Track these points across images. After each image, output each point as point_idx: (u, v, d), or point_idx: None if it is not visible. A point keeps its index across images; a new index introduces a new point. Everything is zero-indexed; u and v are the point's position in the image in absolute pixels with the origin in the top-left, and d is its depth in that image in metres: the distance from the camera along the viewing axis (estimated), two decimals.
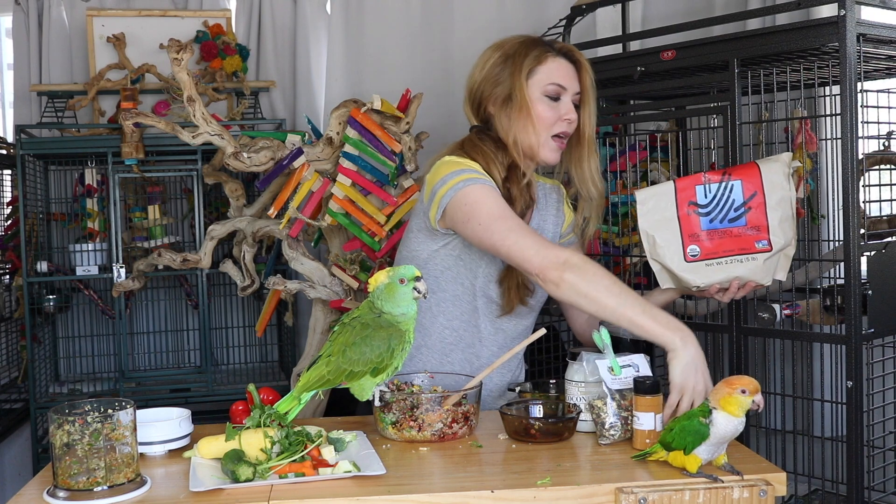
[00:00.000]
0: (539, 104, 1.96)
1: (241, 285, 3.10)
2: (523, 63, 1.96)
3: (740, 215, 1.90)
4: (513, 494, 1.43)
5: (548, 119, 1.97)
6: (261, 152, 2.62)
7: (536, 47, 1.99)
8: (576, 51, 2.02)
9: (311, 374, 1.70)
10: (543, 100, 1.97)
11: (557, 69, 1.98)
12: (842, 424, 2.21)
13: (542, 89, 1.97)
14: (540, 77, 1.97)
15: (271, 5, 3.77)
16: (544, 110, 1.96)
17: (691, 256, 1.92)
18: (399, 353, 1.71)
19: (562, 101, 1.98)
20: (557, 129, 1.98)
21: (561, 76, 1.97)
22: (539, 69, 1.97)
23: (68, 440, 1.43)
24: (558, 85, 1.97)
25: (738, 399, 1.47)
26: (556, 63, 1.98)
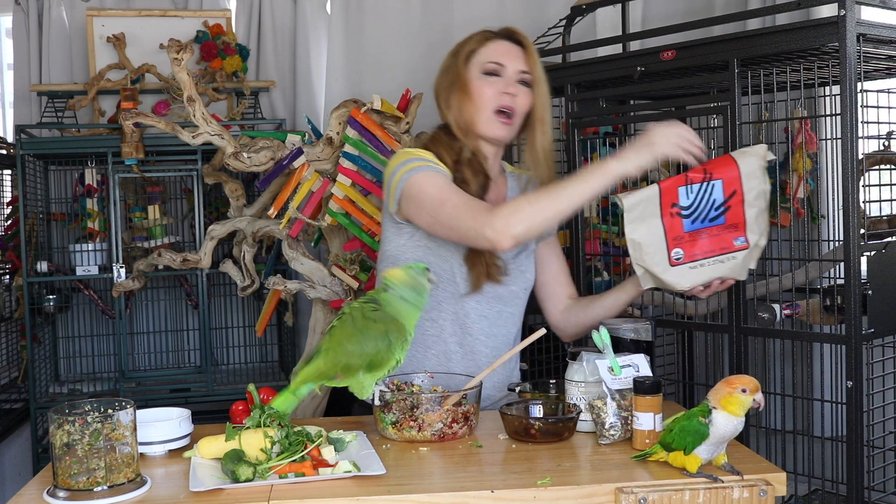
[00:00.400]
0: (478, 81, 2.02)
1: (241, 285, 3.10)
2: (465, 48, 2.05)
3: (720, 214, 1.91)
4: (513, 494, 1.43)
5: (486, 95, 2.00)
6: (261, 152, 2.62)
7: (480, 34, 2.07)
8: (520, 33, 2.06)
9: (309, 369, 1.70)
10: (482, 77, 2.02)
11: (497, 49, 2.04)
12: (842, 424, 2.21)
13: (481, 68, 2.02)
14: (480, 58, 2.03)
15: (271, 5, 3.77)
16: (482, 86, 2.01)
17: (675, 260, 1.93)
18: (399, 348, 1.71)
19: (502, 78, 2.01)
20: (498, 104, 2.00)
21: (500, 55, 2.02)
22: (480, 51, 2.04)
23: (68, 440, 1.43)
24: (496, 63, 2.02)
25: (738, 398, 1.47)
26: (498, 44, 2.04)
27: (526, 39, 2.06)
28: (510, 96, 2.00)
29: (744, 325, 2.21)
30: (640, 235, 1.93)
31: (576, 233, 2.55)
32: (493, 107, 2.01)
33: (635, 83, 2.42)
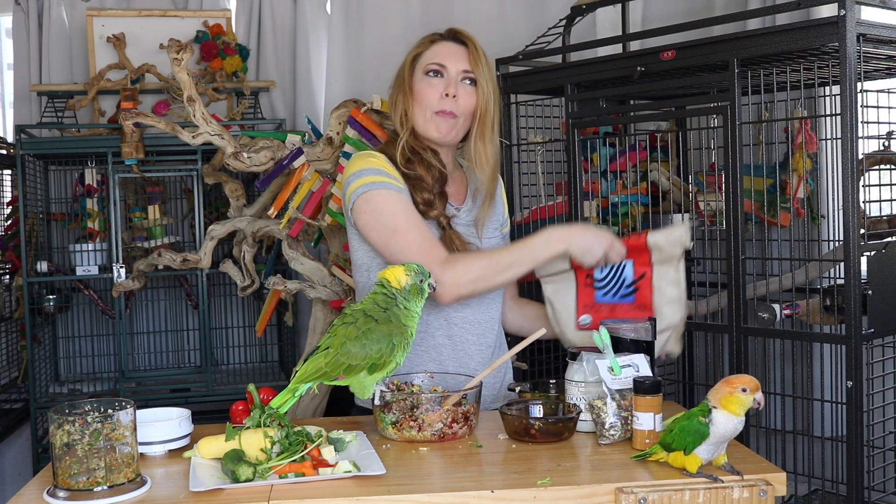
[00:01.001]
0: (420, 83, 2.01)
1: (241, 285, 3.10)
2: (412, 52, 2.05)
3: (630, 293, 1.95)
4: (513, 494, 1.43)
5: (427, 96, 1.99)
6: (261, 152, 2.62)
7: (427, 37, 2.06)
8: (465, 32, 2.04)
9: (308, 366, 1.69)
10: (424, 78, 2.01)
11: (441, 50, 2.02)
12: (842, 424, 2.21)
13: (423, 69, 2.01)
14: (423, 60, 2.02)
15: (271, 5, 3.77)
16: (423, 88, 2.00)
17: (582, 325, 2.00)
18: (400, 350, 1.71)
19: (443, 79, 1.99)
20: (439, 106, 1.99)
21: (443, 56, 2.00)
22: (424, 53, 2.03)
23: (68, 440, 1.43)
24: (438, 64, 2.00)
25: (739, 398, 1.47)
26: (441, 46, 2.02)
27: (469, 39, 2.03)
28: (451, 99, 1.98)
29: (744, 325, 2.21)
30: (553, 293, 2.03)
31: None
32: (433, 108, 1.99)
33: (635, 83, 2.42)
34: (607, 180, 2.72)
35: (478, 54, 2.02)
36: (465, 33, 2.04)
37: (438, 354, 2.02)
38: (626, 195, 2.69)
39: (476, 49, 2.02)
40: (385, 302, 1.72)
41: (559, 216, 2.67)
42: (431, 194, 1.98)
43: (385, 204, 1.91)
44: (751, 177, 2.49)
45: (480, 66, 2.02)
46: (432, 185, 1.99)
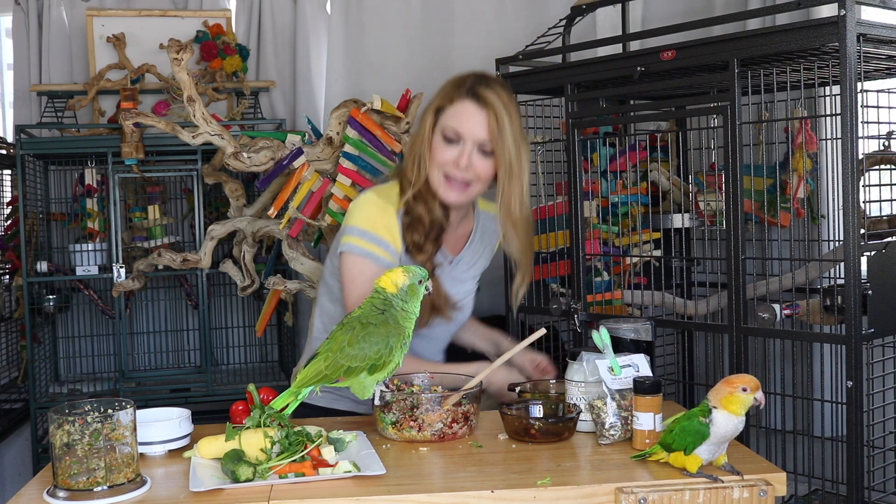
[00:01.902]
0: (437, 142, 1.96)
1: (241, 285, 3.10)
2: (436, 98, 1.99)
3: None
4: (513, 494, 1.43)
5: (438, 158, 1.95)
6: (261, 152, 2.62)
7: (455, 87, 1.96)
8: (488, 95, 1.93)
9: (309, 370, 1.70)
10: (440, 139, 1.95)
11: (462, 113, 1.93)
12: (842, 424, 2.21)
13: (442, 128, 1.96)
14: (444, 117, 1.95)
15: (271, 5, 3.77)
16: (437, 147, 1.96)
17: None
18: (398, 350, 1.71)
19: (458, 146, 1.94)
20: (451, 173, 1.95)
21: (461, 122, 1.93)
22: (447, 108, 1.95)
23: (68, 440, 1.43)
24: (456, 131, 1.93)
25: (740, 397, 1.47)
26: (463, 106, 1.93)
27: (490, 104, 1.92)
28: (462, 170, 1.94)
29: (744, 325, 2.21)
30: None
31: (576, 233, 2.55)
32: (443, 171, 1.96)
33: (635, 83, 2.42)
34: (607, 180, 2.72)
35: (498, 120, 1.92)
36: (488, 96, 1.92)
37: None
38: (626, 195, 2.69)
39: (496, 115, 1.91)
40: (383, 304, 1.73)
41: (559, 216, 2.67)
42: (423, 238, 1.97)
43: (361, 275, 1.93)
44: (751, 177, 2.49)
45: (502, 131, 1.92)
46: (427, 230, 1.98)
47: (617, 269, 2.71)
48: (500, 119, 1.92)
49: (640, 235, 2.65)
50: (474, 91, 1.94)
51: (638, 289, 2.64)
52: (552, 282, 2.74)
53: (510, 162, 1.94)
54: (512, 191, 1.97)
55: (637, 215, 2.67)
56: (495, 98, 1.93)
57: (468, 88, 1.94)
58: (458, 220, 2.08)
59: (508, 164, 1.94)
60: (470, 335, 2.29)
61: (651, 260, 2.67)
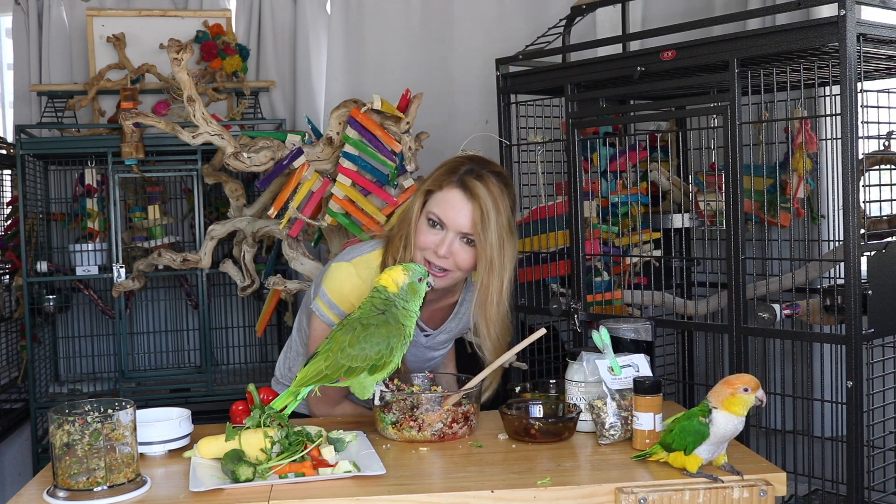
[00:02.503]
0: (421, 222, 1.95)
1: (241, 285, 3.10)
2: (429, 180, 1.97)
3: None
4: (513, 494, 1.43)
5: (421, 241, 1.94)
6: (261, 152, 2.62)
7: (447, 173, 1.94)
8: (479, 188, 1.90)
9: (309, 369, 1.70)
10: (425, 222, 1.94)
11: (447, 202, 1.92)
12: (842, 424, 2.21)
13: (427, 212, 1.95)
14: (432, 201, 1.94)
15: (271, 5, 3.77)
16: (421, 229, 1.95)
17: None
18: (398, 350, 1.72)
19: (441, 233, 1.92)
20: (427, 256, 1.93)
21: (446, 210, 1.91)
22: (435, 193, 1.94)
23: (68, 440, 1.43)
24: (439, 218, 1.92)
25: (741, 398, 1.47)
26: (451, 195, 1.92)
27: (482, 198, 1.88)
28: (443, 259, 1.92)
29: (744, 325, 2.21)
30: None
31: (576, 233, 2.55)
32: (425, 255, 1.94)
33: (635, 83, 2.42)
34: (607, 180, 2.72)
35: (483, 215, 1.89)
36: (477, 188, 1.90)
37: None
38: (626, 195, 2.69)
39: (482, 209, 1.89)
40: (383, 304, 1.73)
41: (559, 216, 2.67)
42: None
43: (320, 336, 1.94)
44: (751, 177, 2.49)
45: (486, 226, 1.89)
46: None
47: (617, 269, 2.71)
48: (486, 214, 1.89)
49: (640, 235, 2.65)
50: (464, 181, 1.91)
51: (638, 289, 2.64)
52: (552, 282, 2.75)
53: (491, 257, 1.91)
54: (490, 285, 1.94)
55: (637, 215, 2.67)
56: (485, 192, 1.90)
57: (459, 177, 1.92)
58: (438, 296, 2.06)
59: (489, 260, 1.91)
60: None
61: (651, 260, 2.67)
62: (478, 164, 1.95)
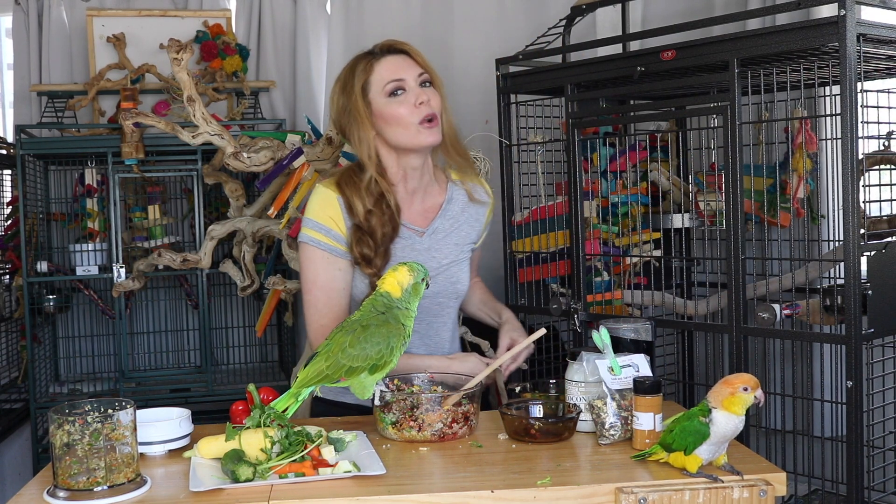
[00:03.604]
0: (388, 107, 1.98)
1: (241, 285, 3.10)
2: (354, 82, 2.01)
3: None
4: (513, 494, 1.43)
5: (403, 115, 1.98)
6: (261, 152, 2.62)
7: (361, 61, 2.02)
8: (397, 42, 2.03)
9: (310, 370, 1.70)
10: (390, 101, 1.98)
11: (387, 67, 1.99)
12: (842, 424, 2.21)
13: (383, 92, 1.99)
14: (376, 85, 1.99)
15: (271, 5, 3.77)
16: (395, 109, 1.98)
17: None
18: (398, 350, 1.72)
19: (408, 91, 1.98)
20: (419, 117, 1.98)
21: (393, 71, 1.99)
22: (371, 79, 2.00)
23: (68, 440, 1.43)
24: (396, 80, 1.99)
25: (741, 397, 1.47)
26: (384, 63, 2.00)
27: (405, 45, 2.03)
28: (425, 104, 1.98)
29: (744, 325, 2.21)
30: None
31: (576, 233, 2.55)
32: (416, 121, 1.98)
33: (635, 83, 2.42)
34: (607, 180, 2.72)
35: (418, 54, 2.02)
36: (399, 43, 2.03)
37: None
38: (626, 195, 2.69)
39: (413, 51, 2.02)
40: (385, 306, 1.73)
41: (559, 216, 2.67)
42: (373, 252, 1.98)
43: (310, 262, 2.02)
44: (751, 177, 2.49)
45: (426, 63, 2.03)
46: (379, 243, 2.00)
47: (617, 269, 2.71)
48: (415, 51, 2.03)
49: (640, 235, 2.65)
50: (385, 48, 2.02)
51: (638, 289, 2.64)
52: (552, 282, 2.75)
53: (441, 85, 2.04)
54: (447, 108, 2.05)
55: (637, 215, 2.67)
56: (398, 42, 2.03)
57: (378, 52, 2.02)
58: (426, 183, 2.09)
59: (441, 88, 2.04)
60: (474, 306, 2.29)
61: (651, 260, 2.67)
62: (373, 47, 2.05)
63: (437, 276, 2.06)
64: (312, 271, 2.02)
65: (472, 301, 2.28)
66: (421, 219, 2.09)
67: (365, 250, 1.98)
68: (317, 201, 2.03)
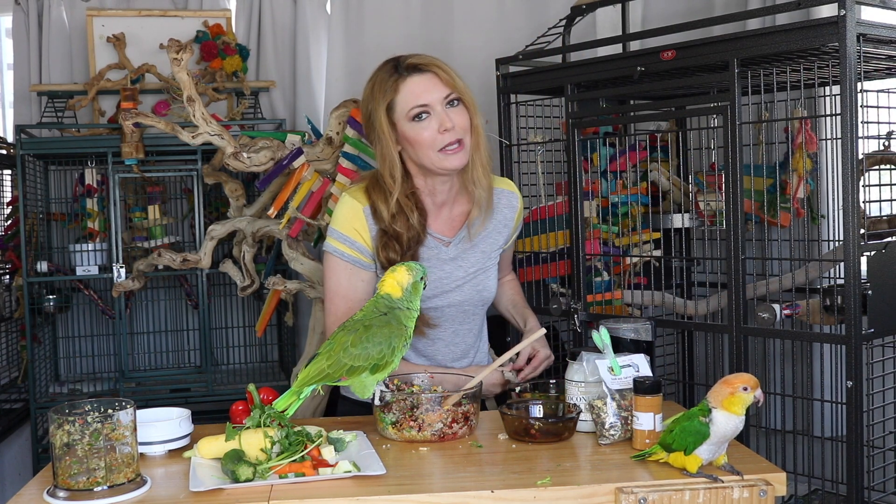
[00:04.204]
0: (412, 131, 1.95)
1: (241, 285, 3.10)
2: (380, 100, 1.97)
3: None
4: (513, 494, 1.43)
5: (427, 140, 1.94)
6: (261, 152, 2.62)
7: (389, 78, 1.96)
8: (425, 61, 1.97)
9: (311, 369, 1.70)
10: (412, 125, 1.95)
11: (412, 90, 1.94)
12: (842, 424, 2.21)
13: (407, 116, 1.95)
14: (400, 107, 1.95)
15: (271, 5, 3.77)
16: (419, 133, 1.94)
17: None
18: (400, 350, 1.72)
19: (433, 116, 1.94)
20: (442, 144, 1.94)
21: (417, 95, 1.94)
22: (396, 100, 1.95)
23: (68, 440, 1.43)
24: (420, 105, 1.94)
25: (740, 397, 1.47)
26: (410, 84, 1.95)
27: (431, 64, 1.96)
28: (450, 132, 1.93)
29: (744, 325, 2.21)
30: None
31: (576, 233, 2.55)
32: (437, 148, 1.94)
33: (635, 83, 2.42)
34: (607, 180, 2.72)
35: (447, 73, 1.96)
36: (425, 62, 1.97)
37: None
38: (626, 195, 2.69)
39: (442, 70, 1.96)
40: (387, 307, 1.73)
41: (559, 216, 2.68)
42: (399, 256, 1.98)
43: (334, 272, 2.03)
44: (751, 177, 2.49)
45: (455, 82, 1.96)
46: (405, 247, 1.99)
47: (617, 269, 2.71)
48: (443, 69, 1.97)
49: (640, 235, 2.65)
50: (410, 67, 1.96)
51: (638, 289, 2.64)
52: (552, 282, 2.75)
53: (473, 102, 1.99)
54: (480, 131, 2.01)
55: (637, 215, 2.67)
56: (426, 59, 1.98)
57: (401, 70, 1.96)
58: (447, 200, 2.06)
59: (473, 105, 1.99)
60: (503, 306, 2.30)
61: (651, 260, 2.67)
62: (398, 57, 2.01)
63: (464, 284, 2.07)
64: (335, 281, 2.02)
65: (501, 300, 2.29)
66: (447, 228, 2.08)
67: (391, 255, 1.97)
68: (343, 212, 2.02)
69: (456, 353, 2.11)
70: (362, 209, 2.00)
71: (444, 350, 2.09)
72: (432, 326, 2.06)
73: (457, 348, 2.11)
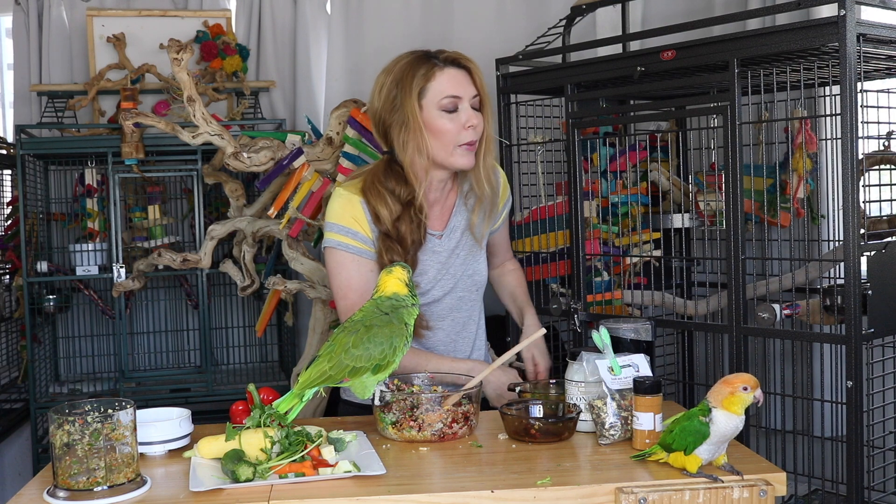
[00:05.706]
0: (438, 120, 1.95)
1: (241, 285, 3.10)
2: (412, 84, 1.96)
3: None
4: (513, 494, 1.43)
5: (450, 132, 1.95)
6: (261, 152, 2.62)
7: (423, 64, 1.96)
8: (463, 57, 1.99)
9: (312, 371, 1.70)
10: (442, 115, 1.95)
11: (448, 81, 1.95)
12: (842, 424, 2.21)
13: (437, 105, 1.95)
14: (432, 94, 1.95)
15: (271, 5, 3.77)
16: (444, 124, 1.95)
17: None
18: (401, 350, 1.72)
19: (461, 111, 1.95)
20: (464, 139, 1.96)
21: (453, 86, 1.95)
22: (429, 86, 1.95)
23: (68, 440, 1.43)
24: (453, 96, 1.95)
25: (740, 397, 1.47)
26: (446, 74, 1.96)
27: (470, 63, 1.99)
28: (472, 129, 1.96)
29: (744, 325, 2.21)
30: None
31: (576, 233, 2.55)
32: (458, 142, 1.96)
33: (635, 83, 2.42)
34: (607, 180, 2.72)
35: (479, 76, 1.99)
36: (465, 59, 1.99)
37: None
38: (626, 195, 2.69)
39: (477, 72, 1.99)
40: (391, 307, 1.73)
41: (559, 216, 2.68)
42: (402, 258, 1.98)
43: (341, 267, 2.00)
44: (751, 177, 2.49)
45: (485, 86, 1.99)
46: (408, 250, 2.00)
47: (617, 269, 2.72)
48: (478, 71, 1.99)
49: (640, 235, 2.65)
50: (447, 59, 1.98)
51: (638, 289, 2.64)
52: (552, 282, 2.75)
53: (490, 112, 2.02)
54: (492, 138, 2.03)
55: (637, 215, 2.67)
56: (464, 56, 1.99)
57: (442, 60, 1.97)
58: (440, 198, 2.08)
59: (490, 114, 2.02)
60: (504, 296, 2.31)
61: (651, 260, 2.67)
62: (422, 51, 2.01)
63: (456, 272, 2.08)
64: (345, 276, 1.99)
65: (502, 292, 2.31)
66: (438, 222, 2.09)
67: (394, 258, 1.97)
68: (338, 204, 2.01)
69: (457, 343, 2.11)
70: (359, 201, 1.99)
71: (445, 340, 2.09)
72: (429, 328, 2.06)
73: (458, 337, 2.11)
